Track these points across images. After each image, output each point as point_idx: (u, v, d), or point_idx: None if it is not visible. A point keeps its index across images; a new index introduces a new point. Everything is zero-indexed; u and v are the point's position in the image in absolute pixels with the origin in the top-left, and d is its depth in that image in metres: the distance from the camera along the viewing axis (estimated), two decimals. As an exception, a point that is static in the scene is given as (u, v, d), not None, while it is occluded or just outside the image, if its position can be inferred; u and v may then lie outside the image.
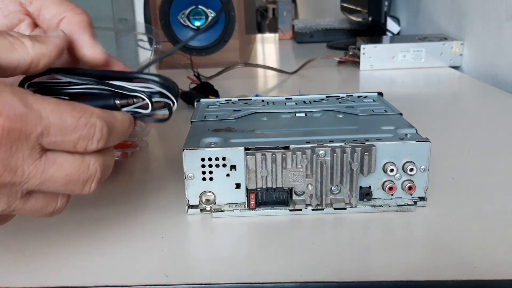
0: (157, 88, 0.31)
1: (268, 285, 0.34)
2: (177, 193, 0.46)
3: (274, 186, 0.42)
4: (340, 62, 1.15)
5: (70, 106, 0.28)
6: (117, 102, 0.31)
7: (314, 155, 0.41)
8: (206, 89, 0.84)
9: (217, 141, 0.43)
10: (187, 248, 0.39)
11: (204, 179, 0.42)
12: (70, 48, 0.34)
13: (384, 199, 0.43)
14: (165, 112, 0.33)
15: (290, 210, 0.43)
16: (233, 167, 0.42)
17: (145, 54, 0.89)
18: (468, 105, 0.80)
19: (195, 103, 0.57)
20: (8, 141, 0.26)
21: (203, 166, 0.42)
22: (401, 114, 0.50)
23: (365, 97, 0.57)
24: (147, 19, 1.14)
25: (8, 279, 0.35)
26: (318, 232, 0.40)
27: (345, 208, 0.43)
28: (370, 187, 0.42)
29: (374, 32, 1.39)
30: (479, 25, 0.99)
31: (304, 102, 0.55)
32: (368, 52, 1.07)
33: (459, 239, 0.38)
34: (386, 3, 1.28)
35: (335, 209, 0.43)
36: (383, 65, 1.07)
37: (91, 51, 0.34)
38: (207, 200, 0.43)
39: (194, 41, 1.13)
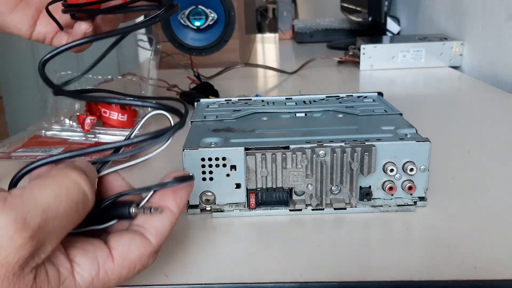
0: None
1: (268, 285, 0.34)
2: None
3: (274, 186, 0.42)
4: (340, 62, 1.15)
5: None
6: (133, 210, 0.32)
7: (314, 155, 0.41)
8: (206, 89, 0.84)
9: (217, 141, 0.43)
10: (187, 248, 0.39)
11: (204, 179, 0.42)
12: None
13: (384, 199, 0.43)
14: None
15: (290, 210, 0.43)
16: (233, 167, 0.42)
17: (145, 54, 0.89)
18: (468, 105, 0.80)
19: (195, 103, 0.57)
20: None
21: (203, 166, 0.42)
22: (401, 114, 0.50)
23: (365, 97, 0.57)
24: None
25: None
26: (318, 232, 0.40)
27: (345, 208, 0.43)
28: (370, 187, 0.42)
29: (374, 32, 1.39)
30: (479, 25, 0.99)
31: (304, 102, 0.55)
32: (368, 52, 1.07)
33: (459, 239, 0.38)
34: (386, 3, 1.28)
35: (335, 209, 0.43)
36: (383, 65, 1.07)
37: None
38: (207, 200, 0.43)
39: (194, 41, 1.13)
